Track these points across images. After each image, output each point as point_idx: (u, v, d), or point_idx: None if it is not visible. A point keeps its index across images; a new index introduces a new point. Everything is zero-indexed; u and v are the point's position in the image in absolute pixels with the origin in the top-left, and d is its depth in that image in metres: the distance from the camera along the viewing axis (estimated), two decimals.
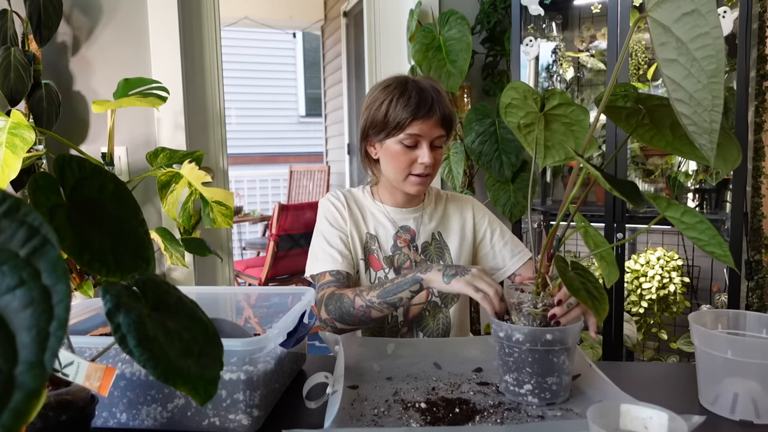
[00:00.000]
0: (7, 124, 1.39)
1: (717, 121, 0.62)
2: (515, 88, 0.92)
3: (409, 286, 1.05)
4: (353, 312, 1.09)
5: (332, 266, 1.21)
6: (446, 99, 1.21)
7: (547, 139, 0.93)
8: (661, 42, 0.64)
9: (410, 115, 1.15)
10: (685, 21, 0.61)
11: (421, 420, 0.80)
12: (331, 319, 1.12)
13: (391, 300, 1.06)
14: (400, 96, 1.17)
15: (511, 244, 1.32)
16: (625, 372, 1.08)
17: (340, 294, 1.12)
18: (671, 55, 0.63)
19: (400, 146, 1.18)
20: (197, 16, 2.00)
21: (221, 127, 2.08)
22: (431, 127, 1.17)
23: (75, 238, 0.57)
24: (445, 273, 1.02)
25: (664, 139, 0.84)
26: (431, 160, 1.18)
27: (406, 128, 1.16)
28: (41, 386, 0.33)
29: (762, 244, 1.92)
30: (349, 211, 1.28)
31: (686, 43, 0.61)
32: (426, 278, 1.04)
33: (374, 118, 1.20)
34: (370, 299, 1.07)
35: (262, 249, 4.61)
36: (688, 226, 0.74)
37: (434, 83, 1.22)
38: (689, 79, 0.62)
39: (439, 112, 1.17)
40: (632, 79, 2.15)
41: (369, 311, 1.08)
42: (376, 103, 1.20)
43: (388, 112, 1.17)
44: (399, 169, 1.20)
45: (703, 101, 0.62)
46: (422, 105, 1.16)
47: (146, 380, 0.79)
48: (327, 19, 5.52)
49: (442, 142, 1.22)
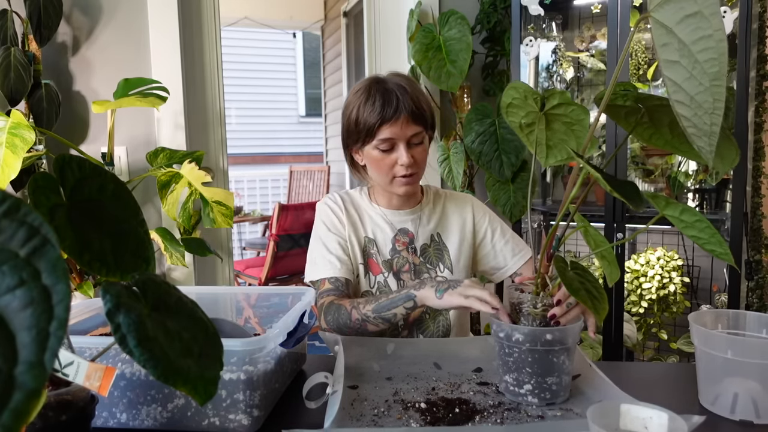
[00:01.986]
0: (7, 124, 1.39)
1: (717, 124, 0.62)
2: (516, 87, 0.92)
3: (402, 303, 1.05)
4: (350, 324, 1.09)
5: (331, 273, 1.20)
6: (417, 93, 1.17)
7: (548, 138, 0.93)
8: (662, 43, 0.64)
9: (377, 120, 1.13)
10: (688, 23, 0.61)
11: (421, 420, 0.80)
12: (330, 329, 1.12)
13: (386, 315, 1.06)
14: (366, 101, 1.15)
15: (512, 243, 1.31)
16: (625, 372, 1.08)
17: (338, 305, 1.11)
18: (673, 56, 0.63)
19: (377, 151, 1.17)
20: (197, 16, 2.00)
21: (221, 127, 2.08)
22: (402, 127, 1.14)
23: (75, 238, 0.57)
24: (438, 289, 1.01)
25: (662, 137, 0.84)
26: (409, 159, 1.15)
27: (377, 134, 1.15)
28: (41, 386, 0.33)
29: (762, 244, 1.92)
30: (347, 214, 1.27)
31: (689, 45, 0.61)
32: (419, 295, 1.03)
33: (348, 127, 1.20)
34: (366, 313, 1.07)
35: (262, 249, 4.61)
36: (687, 225, 0.74)
37: (402, 80, 1.18)
38: (691, 81, 0.62)
39: (407, 110, 1.13)
40: (632, 79, 2.15)
41: (365, 325, 1.08)
42: (347, 109, 1.20)
43: (358, 119, 1.16)
44: (382, 173, 1.19)
45: (704, 104, 0.62)
46: (387, 107, 1.13)
47: (146, 380, 0.79)
48: (327, 19, 5.52)
49: (421, 138, 1.19)
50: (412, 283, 1.08)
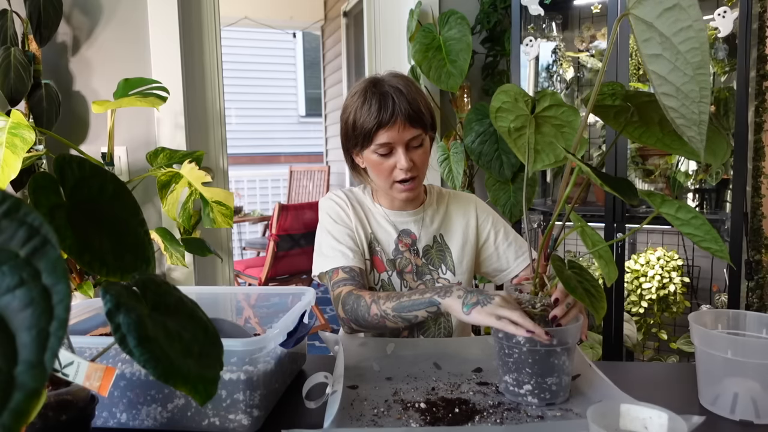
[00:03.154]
0: (7, 124, 1.39)
1: (705, 113, 0.63)
2: (505, 91, 0.91)
3: (425, 307, 1.01)
4: (368, 318, 1.06)
5: (343, 262, 1.17)
6: (414, 95, 1.14)
7: (537, 142, 0.92)
8: (644, 38, 0.65)
9: (373, 125, 1.11)
10: (668, 16, 0.62)
11: (420, 420, 0.80)
12: (348, 319, 1.10)
13: (407, 316, 1.03)
14: (362, 105, 1.13)
15: (515, 245, 1.30)
16: (625, 372, 1.08)
17: (358, 295, 1.08)
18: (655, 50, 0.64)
19: (376, 155, 1.15)
20: (197, 16, 2.00)
21: (221, 127, 2.08)
22: (400, 131, 1.12)
23: (75, 238, 0.57)
24: (465, 302, 0.94)
25: (653, 135, 0.84)
26: (408, 163, 1.14)
27: (374, 138, 1.13)
28: (41, 386, 0.33)
29: (762, 244, 1.92)
30: (353, 209, 1.25)
31: (670, 38, 0.63)
32: (444, 304, 0.98)
33: (346, 131, 1.19)
34: (386, 310, 1.04)
35: (262, 249, 4.62)
36: (683, 222, 0.74)
37: (399, 81, 1.15)
38: (675, 72, 0.63)
39: (403, 114, 1.11)
40: (632, 79, 2.15)
41: (383, 321, 1.05)
42: (345, 113, 1.18)
43: (356, 123, 1.14)
44: (382, 177, 1.18)
45: (691, 93, 0.63)
46: (383, 112, 1.11)
47: (146, 380, 0.79)
48: (327, 19, 5.52)
49: (420, 140, 1.16)
50: (437, 288, 1.02)
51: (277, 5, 5.90)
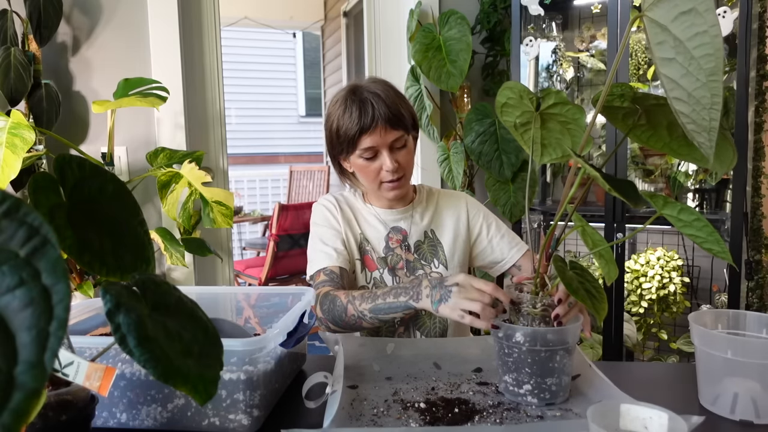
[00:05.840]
0: (7, 124, 1.39)
1: (716, 119, 0.62)
2: (510, 87, 0.92)
3: (401, 311, 1.03)
4: (345, 318, 1.09)
5: (326, 263, 1.21)
6: (392, 98, 1.17)
7: (543, 137, 0.93)
8: (658, 41, 0.64)
9: (356, 131, 1.14)
10: (683, 20, 0.61)
11: (420, 420, 0.80)
12: (325, 319, 1.12)
13: (383, 318, 1.05)
14: (343, 112, 1.16)
15: (508, 237, 1.32)
16: (625, 372, 1.08)
17: (333, 296, 1.11)
18: (669, 54, 0.63)
19: (362, 160, 1.19)
20: (197, 16, 2.00)
21: (221, 127, 2.08)
22: (382, 135, 1.15)
23: (75, 238, 0.57)
24: (433, 300, 0.97)
25: (661, 140, 0.84)
26: (393, 165, 1.17)
27: (358, 144, 1.16)
28: (41, 386, 0.33)
29: (762, 244, 1.92)
30: (342, 212, 1.29)
31: (684, 42, 0.62)
32: (419, 306, 1.00)
33: (331, 139, 1.21)
34: (362, 311, 1.06)
35: (262, 249, 4.61)
36: (685, 224, 0.74)
37: (378, 86, 1.18)
38: (687, 77, 0.62)
39: (383, 118, 1.14)
40: (632, 79, 2.15)
41: (360, 322, 1.08)
42: (328, 121, 1.21)
43: (339, 131, 1.17)
44: (369, 179, 1.21)
45: (702, 99, 0.62)
46: (363, 118, 1.14)
47: (146, 380, 0.79)
48: (327, 19, 5.52)
49: (403, 141, 1.19)
50: (408, 284, 1.05)
51: (277, 5, 5.90)
